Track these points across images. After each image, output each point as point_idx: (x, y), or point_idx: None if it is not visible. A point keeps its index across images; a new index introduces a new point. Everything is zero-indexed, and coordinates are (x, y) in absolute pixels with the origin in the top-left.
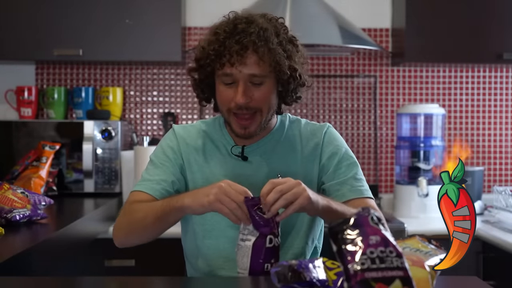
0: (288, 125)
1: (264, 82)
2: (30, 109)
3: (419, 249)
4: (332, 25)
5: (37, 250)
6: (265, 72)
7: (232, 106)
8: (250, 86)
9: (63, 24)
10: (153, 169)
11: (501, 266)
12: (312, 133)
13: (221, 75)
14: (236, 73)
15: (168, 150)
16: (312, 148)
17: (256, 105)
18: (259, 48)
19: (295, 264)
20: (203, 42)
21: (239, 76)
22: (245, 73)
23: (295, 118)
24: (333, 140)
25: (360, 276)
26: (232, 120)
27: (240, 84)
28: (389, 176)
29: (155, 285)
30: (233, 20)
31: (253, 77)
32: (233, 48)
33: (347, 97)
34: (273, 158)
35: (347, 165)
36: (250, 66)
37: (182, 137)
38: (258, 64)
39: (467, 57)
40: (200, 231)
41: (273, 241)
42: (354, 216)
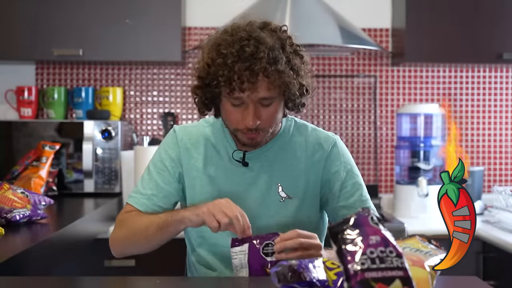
0: (293, 131)
1: (272, 103)
2: (30, 109)
3: (419, 249)
4: (332, 25)
5: (37, 250)
6: (275, 94)
7: (241, 128)
8: (258, 107)
9: (63, 24)
10: (148, 180)
11: (501, 266)
12: (318, 143)
13: (229, 97)
14: (246, 97)
15: (167, 158)
16: (317, 159)
17: (265, 125)
18: (270, 73)
19: (295, 264)
20: (207, 59)
21: (249, 99)
22: (255, 97)
23: (302, 123)
24: (340, 156)
25: (360, 276)
26: (239, 135)
27: (250, 107)
28: (389, 176)
29: (155, 285)
30: (238, 40)
31: (263, 99)
32: (243, 75)
33: (347, 97)
34: (275, 165)
35: (353, 184)
36: (261, 90)
37: (183, 141)
38: (269, 88)
39: (467, 57)
40: (199, 234)
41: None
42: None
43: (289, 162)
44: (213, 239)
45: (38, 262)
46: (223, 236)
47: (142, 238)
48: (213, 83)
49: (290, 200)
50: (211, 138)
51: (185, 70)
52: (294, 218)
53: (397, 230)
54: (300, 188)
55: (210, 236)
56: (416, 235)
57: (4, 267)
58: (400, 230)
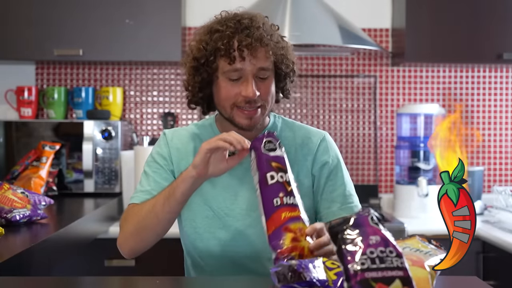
0: (281, 127)
1: (268, 76)
2: (30, 109)
3: (419, 249)
4: (332, 25)
5: (37, 250)
6: (271, 65)
7: (239, 101)
8: (256, 80)
9: (63, 24)
10: (145, 180)
11: (501, 266)
12: (306, 138)
13: (227, 71)
14: (246, 67)
15: (159, 157)
16: (306, 153)
17: (262, 99)
18: (267, 42)
19: (295, 264)
20: (202, 41)
21: (249, 70)
22: (255, 67)
23: (290, 120)
24: (328, 150)
25: (360, 276)
26: (236, 114)
27: (250, 78)
28: (389, 176)
29: (155, 285)
30: (233, 16)
31: (261, 70)
32: (244, 42)
33: (347, 97)
34: None
35: (338, 178)
36: (260, 60)
37: (173, 142)
38: (266, 57)
39: (467, 57)
40: (192, 234)
41: (275, 177)
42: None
43: None
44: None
45: (38, 262)
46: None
47: (152, 218)
48: (211, 59)
49: None
50: (201, 136)
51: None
52: None
53: (397, 230)
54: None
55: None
56: (416, 235)
57: (4, 267)
58: (400, 230)
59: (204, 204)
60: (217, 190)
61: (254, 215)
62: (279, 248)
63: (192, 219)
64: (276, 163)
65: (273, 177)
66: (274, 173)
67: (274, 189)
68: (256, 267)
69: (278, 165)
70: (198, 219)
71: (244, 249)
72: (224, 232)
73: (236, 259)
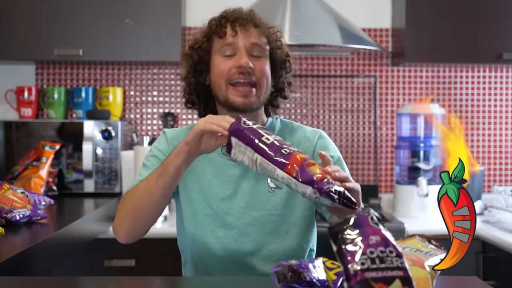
0: (279, 127)
1: (263, 56)
2: (30, 109)
3: (419, 249)
4: (332, 25)
5: (37, 250)
6: (264, 45)
7: (233, 72)
8: (249, 57)
9: (63, 24)
10: (144, 171)
11: (501, 266)
12: (304, 136)
13: (220, 48)
14: (238, 41)
15: (158, 152)
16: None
17: (257, 75)
18: (260, 23)
19: (295, 264)
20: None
21: (241, 43)
22: (247, 41)
23: (287, 120)
24: (327, 146)
25: (360, 276)
26: (230, 92)
27: (242, 51)
28: (389, 176)
29: (155, 285)
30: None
31: (254, 46)
32: (235, 15)
33: (347, 97)
34: None
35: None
36: (252, 35)
37: (172, 138)
38: (258, 35)
39: (467, 57)
40: (192, 231)
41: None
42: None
43: None
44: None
45: (38, 262)
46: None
47: (146, 195)
48: (204, 39)
49: (279, 190)
50: None
51: None
52: (285, 207)
53: (397, 230)
54: None
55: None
56: (416, 235)
57: (4, 267)
58: (400, 230)
59: (204, 201)
60: (216, 189)
61: (253, 214)
62: (313, 177)
63: (193, 215)
64: (263, 130)
65: (268, 139)
66: (267, 136)
67: (275, 146)
68: (254, 265)
69: (266, 131)
70: (198, 216)
71: (243, 248)
72: (223, 230)
73: (235, 257)
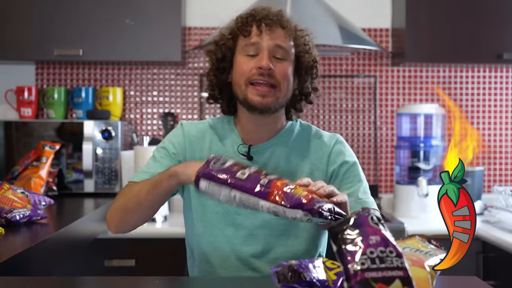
0: (298, 130)
1: (286, 59)
2: (30, 109)
3: (419, 249)
4: (332, 25)
5: (37, 250)
6: (289, 48)
7: (253, 73)
8: (272, 59)
9: (63, 24)
10: (151, 163)
11: (501, 266)
12: (321, 141)
13: (245, 46)
14: (262, 41)
15: (170, 146)
16: (320, 156)
17: (277, 77)
18: (287, 24)
19: (295, 264)
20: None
21: (264, 44)
22: (271, 42)
23: (306, 123)
24: (343, 151)
25: (360, 276)
26: (250, 91)
27: (265, 51)
28: (389, 176)
29: (155, 285)
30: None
31: (277, 48)
32: (261, 14)
33: (347, 97)
34: (278, 161)
35: (354, 176)
36: (277, 37)
37: (189, 134)
38: (284, 37)
39: (467, 57)
40: (200, 227)
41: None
42: (354, 216)
43: (293, 158)
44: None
45: (38, 262)
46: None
47: (135, 202)
48: (229, 37)
49: None
50: (217, 131)
51: (185, 70)
52: None
53: (397, 230)
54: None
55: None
56: (416, 235)
57: (4, 267)
58: (400, 230)
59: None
60: None
61: (264, 215)
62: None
63: (203, 212)
64: (236, 166)
65: (243, 173)
66: (241, 170)
67: (253, 178)
68: (260, 267)
69: (239, 166)
70: (208, 213)
71: (252, 249)
72: (232, 229)
73: (243, 257)
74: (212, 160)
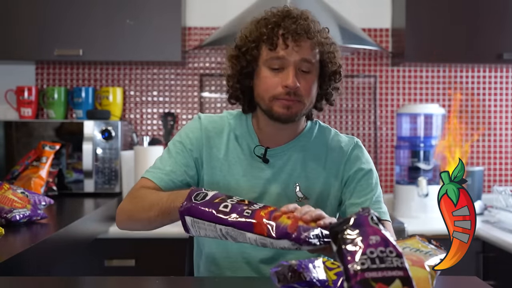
0: (316, 133)
1: (311, 71)
2: (30, 109)
3: (419, 249)
4: (332, 25)
5: (37, 250)
6: (315, 59)
7: (279, 92)
8: (298, 73)
9: (63, 24)
10: (167, 158)
11: (501, 266)
12: (339, 147)
13: (269, 59)
14: (288, 56)
15: (187, 141)
16: (337, 162)
17: (302, 94)
18: (314, 34)
19: (295, 264)
20: (246, 30)
21: (291, 59)
22: (298, 57)
23: (325, 126)
24: (360, 157)
25: (360, 276)
26: (275, 104)
27: (291, 68)
28: (389, 176)
29: (155, 285)
30: (282, 7)
31: (303, 62)
32: (290, 28)
33: (347, 97)
34: (295, 165)
35: (368, 184)
36: (304, 51)
37: (207, 129)
38: (311, 49)
39: (467, 57)
40: None
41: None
42: (354, 216)
43: (309, 163)
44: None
45: (38, 262)
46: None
47: (144, 218)
48: (252, 46)
49: (306, 201)
50: (235, 130)
51: (185, 70)
52: None
53: (397, 230)
54: (317, 189)
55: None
56: (416, 235)
57: (4, 267)
58: (400, 230)
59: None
60: (243, 189)
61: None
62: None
63: None
64: (218, 198)
65: (226, 206)
66: (224, 203)
67: (236, 209)
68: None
69: (221, 198)
70: None
71: (262, 254)
72: None
73: (252, 262)
74: (192, 195)
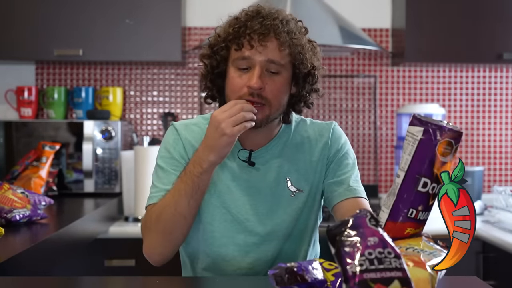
0: (294, 126)
1: (280, 72)
2: (30, 109)
3: (423, 250)
4: (332, 25)
5: (37, 250)
6: (283, 60)
7: (243, 93)
8: (265, 74)
9: (63, 24)
10: (164, 176)
11: (501, 266)
12: (319, 133)
13: (236, 59)
14: (254, 56)
15: (176, 153)
16: (321, 148)
17: (268, 96)
18: (281, 34)
19: (294, 266)
20: (219, 29)
21: (257, 60)
22: (263, 57)
23: (300, 118)
24: (338, 138)
25: (359, 277)
26: None
27: (257, 68)
28: (389, 176)
29: (155, 285)
30: (255, 7)
31: (270, 63)
32: (255, 28)
33: (347, 97)
34: (281, 162)
35: (347, 164)
36: (270, 51)
37: (186, 138)
38: (279, 50)
39: (467, 57)
40: (209, 238)
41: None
42: (352, 217)
43: (295, 156)
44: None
45: (38, 262)
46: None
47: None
48: (222, 45)
49: (301, 193)
50: None
51: (185, 70)
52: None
53: None
54: (309, 180)
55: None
56: (423, 235)
57: (4, 267)
58: None
59: (222, 207)
60: (236, 194)
61: (276, 219)
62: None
63: (210, 222)
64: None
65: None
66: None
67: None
68: None
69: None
70: (216, 222)
71: (265, 256)
72: (243, 237)
73: (255, 265)
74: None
